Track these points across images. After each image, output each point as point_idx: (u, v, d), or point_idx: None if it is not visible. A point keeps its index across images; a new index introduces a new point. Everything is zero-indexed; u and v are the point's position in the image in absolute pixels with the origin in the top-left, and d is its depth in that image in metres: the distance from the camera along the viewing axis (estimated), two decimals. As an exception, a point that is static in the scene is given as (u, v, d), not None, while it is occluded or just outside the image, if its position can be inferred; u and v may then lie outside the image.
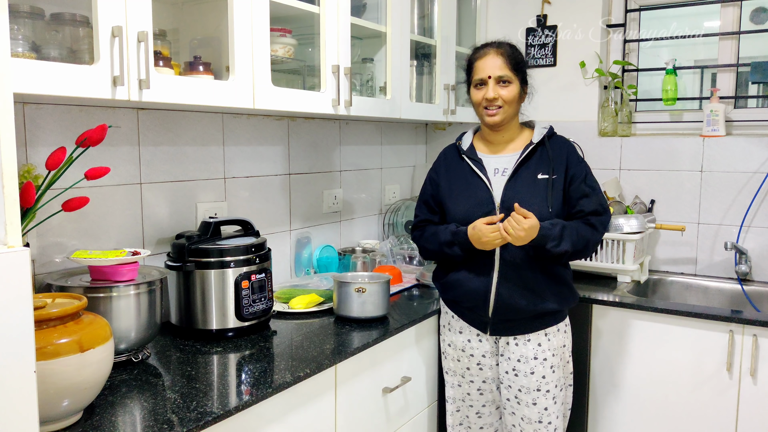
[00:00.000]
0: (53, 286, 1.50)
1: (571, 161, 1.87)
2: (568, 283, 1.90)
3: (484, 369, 1.93)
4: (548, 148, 1.86)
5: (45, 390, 1.11)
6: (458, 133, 3.12)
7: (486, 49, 1.87)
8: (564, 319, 1.93)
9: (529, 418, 1.87)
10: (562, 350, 1.91)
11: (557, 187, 1.83)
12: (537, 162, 1.85)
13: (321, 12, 1.98)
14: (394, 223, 2.94)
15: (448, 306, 1.99)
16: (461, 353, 1.95)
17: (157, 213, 1.90)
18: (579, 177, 1.86)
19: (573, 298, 1.92)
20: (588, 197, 1.86)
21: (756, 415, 2.04)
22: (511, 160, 1.88)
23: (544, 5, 2.88)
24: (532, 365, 1.85)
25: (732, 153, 2.57)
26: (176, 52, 1.81)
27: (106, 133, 1.48)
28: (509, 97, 1.83)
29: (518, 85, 1.85)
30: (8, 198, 0.94)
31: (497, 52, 1.84)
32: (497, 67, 1.82)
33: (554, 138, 1.90)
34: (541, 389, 1.86)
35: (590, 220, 1.84)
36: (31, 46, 1.37)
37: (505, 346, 1.89)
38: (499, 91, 1.82)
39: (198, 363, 1.58)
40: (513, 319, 1.85)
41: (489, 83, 1.83)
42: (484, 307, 1.85)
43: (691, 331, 2.12)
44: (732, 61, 2.66)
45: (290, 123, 2.36)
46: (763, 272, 2.55)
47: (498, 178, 1.86)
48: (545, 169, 1.84)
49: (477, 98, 1.87)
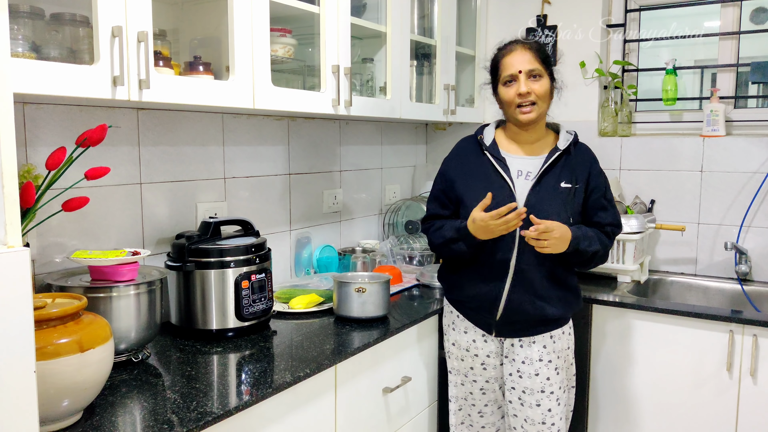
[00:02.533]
0: (53, 286, 1.50)
1: (593, 172, 1.86)
2: (575, 290, 1.90)
3: (488, 369, 1.93)
4: (573, 157, 1.84)
5: (45, 390, 1.11)
6: (458, 133, 3.15)
7: (512, 45, 1.83)
8: (568, 322, 1.93)
9: (533, 419, 1.86)
10: (566, 352, 1.91)
11: (578, 197, 1.82)
12: (561, 169, 1.82)
13: (321, 12, 1.98)
14: (394, 223, 2.94)
15: (452, 305, 1.97)
16: (465, 353, 1.94)
17: (157, 213, 1.90)
18: (599, 190, 1.86)
19: (578, 304, 1.93)
20: (606, 210, 1.87)
21: (756, 415, 2.04)
22: (534, 163, 1.83)
23: (544, 5, 2.88)
24: (537, 367, 1.85)
25: (732, 153, 2.57)
26: (176, 52, 1.81)
27: (106, 133, 1.48)
28: (542, 91, 1.78)
29: (549, 80, 1.81)
30: (8, 198, 0.94)
31: (524, 47, 1.80)
32: (527, 61, 1.77)
33: (578, 146, 1.88)
34: (545, 391, 1.85)
35: (606, 230, 1.86)
36: (31, 46, 1.37)
37: (510, 348, 1.89)
38: (532, 86, 1.77)
39: (198, 363, 1.58)
40: (518, 322, 1.84)
41: (520, 78, 1.77)
42: (492, 310, 1.84)
43: (691, 331, 2.12)
44: (732, 61, 2.66)
45: (290, 123, 2.36)
46: (763, 272, 2.55)
47: (521, 182, 1.82)
48: (568, 178, 1.81)
49: (508, 96, 1.80)
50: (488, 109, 3.04)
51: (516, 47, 1.81)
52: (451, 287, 1.94)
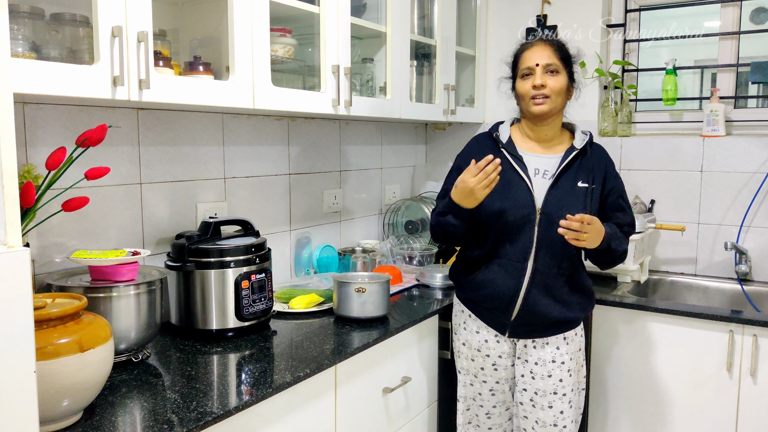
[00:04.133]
0: (53, 286, 1.50)
1: (609, 173, 1.87)
2: (589, 292, 1.91)
3: (499, 370, 1.91)
4: (589, 157, 1.84)
5: (45, 390, 1.11)
6: (458, 133, 3.15)
7: (534, 41, 1.85)
8: (580, 323, 1.93)
9: (544, 421, 1.85)
10: (578, 354, 1.90)
11: (595, 197, 1.82)
12: (577, 169, 1.82)
13: (321, 12, 1.98)
14: (394, 223, 2.94)
15: (465, 304, 1.96)
16: (476, 353, 1.93)
17: (157, 213, 1.90)
18: (617, 191, 1.87)
19: (591, 306, 1.93)
20: (624, 212, 1.88)
21: (756, 415, 2.04)
22: (551, 162, 1.83)
23: (544, 5, 2.88)
24: (550, 368, 1.84)
25: (732, 153, 2.57)
26: (176, 52, 1.81)
27: (106, 133, 1.48)
28: (557, 87, 1.78)
29: (566, 78, 1.81)
30: (8, 198, 0.94)
31: (545, 43, 1.82)
32: (545, 56, 1.78)
33: (594, 146, 1.89)
34: (558, 393, 1.84)
35: (624, 229, 1.87)
36: (31, 46, 1.37)
37: (523, 349, 1.88)
38: (547, 80, 1.77)
39: (198, 363, 1.58)
40: (532, 323, 1.84)
41: (536, 71, 1.78)
42: (507, 310, 1.83)
43: (691, 331, 2.12)
44: (732, 61, 2.66)
45: (290, 123, 2.36)
46: (763, 272, 2.55)
47: (539, 181, 1.81)
48: (585, 178, 1.81)
49: (524, 88, 1.80)
50: (489, 109, 3.05)
51: (537, 43, 1.83)
52: (464, 286, 1.93)
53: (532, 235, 1.78)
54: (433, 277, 2.39)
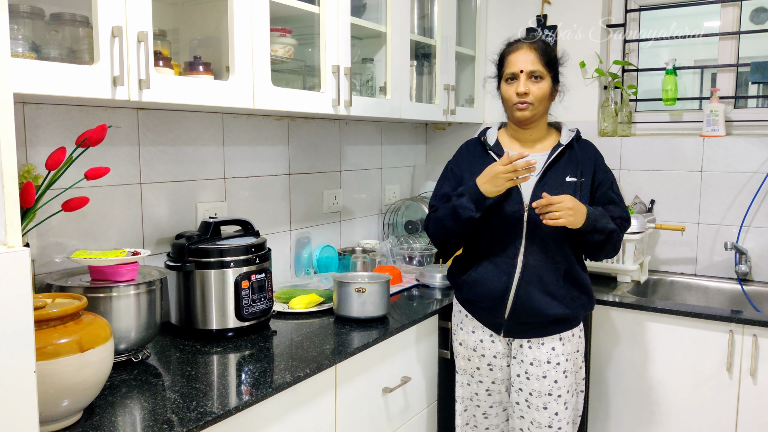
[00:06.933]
0: (53, 286, 1.50)
1: (598, 166, 1.87)
2: (587, 290, 1.89)
3: (495, 370, 1.92)
4: (577, 151, 1.85)
5: (45, 390, 1.11)
6: (458, 133, 3.15)
7: (519, 43, 1.84)
8: (579, 324, 1.91)
9: (539, 422, 1.85)
10: (576, 355, 1.90)
11: (584, 191, 1.82)
12: (565, 164, 1.84)
13: (321, 12, 1.98)
14: (394, 223, 2.94)
15: (462, 305, 1.97)
16: (472, 353, 1.93)
17: (157, 213, 1.90)
18: (606, 183, 1.87)
19: (590, 305, 1.92)
20: (616, 204, 1.87)
21: (756, 415, 2.04)
22: (539, 160, 1.84)
23: (544, 5, 2.88)
24: (545, 369, 1.84)
25: (732, 153, 2.57)
26: (176, 52, 1.81)
27: (106, 133, 1.48)
28: (540, 93, 1.80)
29: (550, 82, 1.82)
30: (8, 198, 0.94)
31: (530, 47, 1.81)
32: (530, 62, 1.79)
33: (582, 141, 1.90)
34: (553, 394, 1.84)
35: (616, 222, 1.85)
36: (31, 46, 1.37)
37: (518, 349, 1.88)
38: (531, 87, 1.79)
39: (198, 363, 1.58)
40: (528, 322, 1.84)
41: (521, 78, 1.80)
42: (501, 307, 1.83)
43: (691, 331, 2.12)
44: (732, 61, 2.66)
45: (290, 123, 2.36)
46: (763, 272, 2.55)
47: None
48: (573, 172, 1.82)
49: (508, 93, 1.83)
50: (488, 109, 3.05)
51: (522, 46, 1.83)
52: (460, 286, 1.93)
53: (521, 231, 1.79)
54: (433, 277, 2.39)
